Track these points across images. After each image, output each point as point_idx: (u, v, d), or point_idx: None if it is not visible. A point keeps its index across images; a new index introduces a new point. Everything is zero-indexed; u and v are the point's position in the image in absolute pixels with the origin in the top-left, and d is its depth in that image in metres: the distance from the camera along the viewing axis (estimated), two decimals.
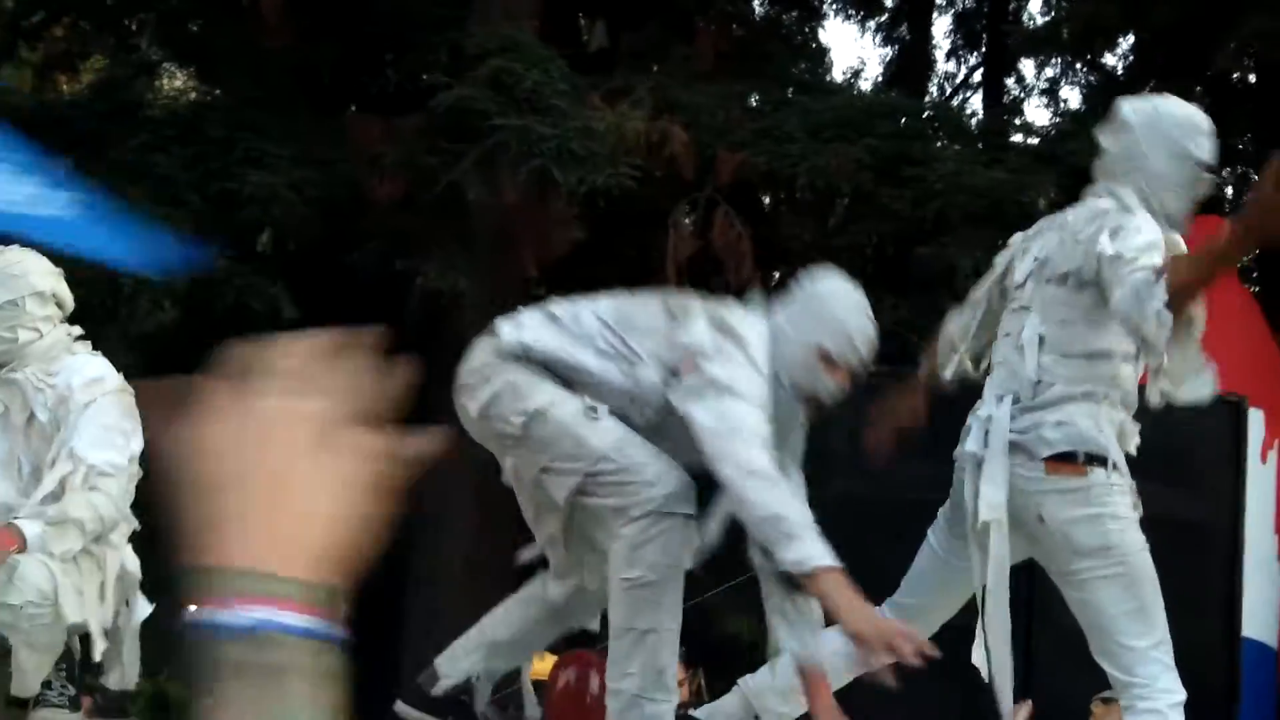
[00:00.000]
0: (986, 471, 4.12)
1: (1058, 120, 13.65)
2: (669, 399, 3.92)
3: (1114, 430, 4.09)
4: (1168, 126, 4.30)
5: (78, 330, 4.66)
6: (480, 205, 9.67)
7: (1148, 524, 5.60)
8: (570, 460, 3.91)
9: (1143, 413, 4.86)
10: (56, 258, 4.74)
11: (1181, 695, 4.05)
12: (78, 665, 4.48)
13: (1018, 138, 12.68)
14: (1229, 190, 13.46)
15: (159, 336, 10.64)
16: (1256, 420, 6.93)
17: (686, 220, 10.20)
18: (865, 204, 9.93)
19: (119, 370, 4.57)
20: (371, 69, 11.80)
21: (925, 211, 9.62)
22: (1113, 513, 4.07)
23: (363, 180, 9.91)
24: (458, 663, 4.40)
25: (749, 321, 4.03)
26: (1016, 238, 4.51)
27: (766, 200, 11.88)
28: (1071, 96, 14.70)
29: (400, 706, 4.43)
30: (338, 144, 10.16)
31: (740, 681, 4.41)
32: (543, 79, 9.51)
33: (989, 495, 4.10)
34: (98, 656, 4.46)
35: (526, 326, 4.06)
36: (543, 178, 9.30)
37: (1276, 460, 7.63)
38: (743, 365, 3.91)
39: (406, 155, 9.79)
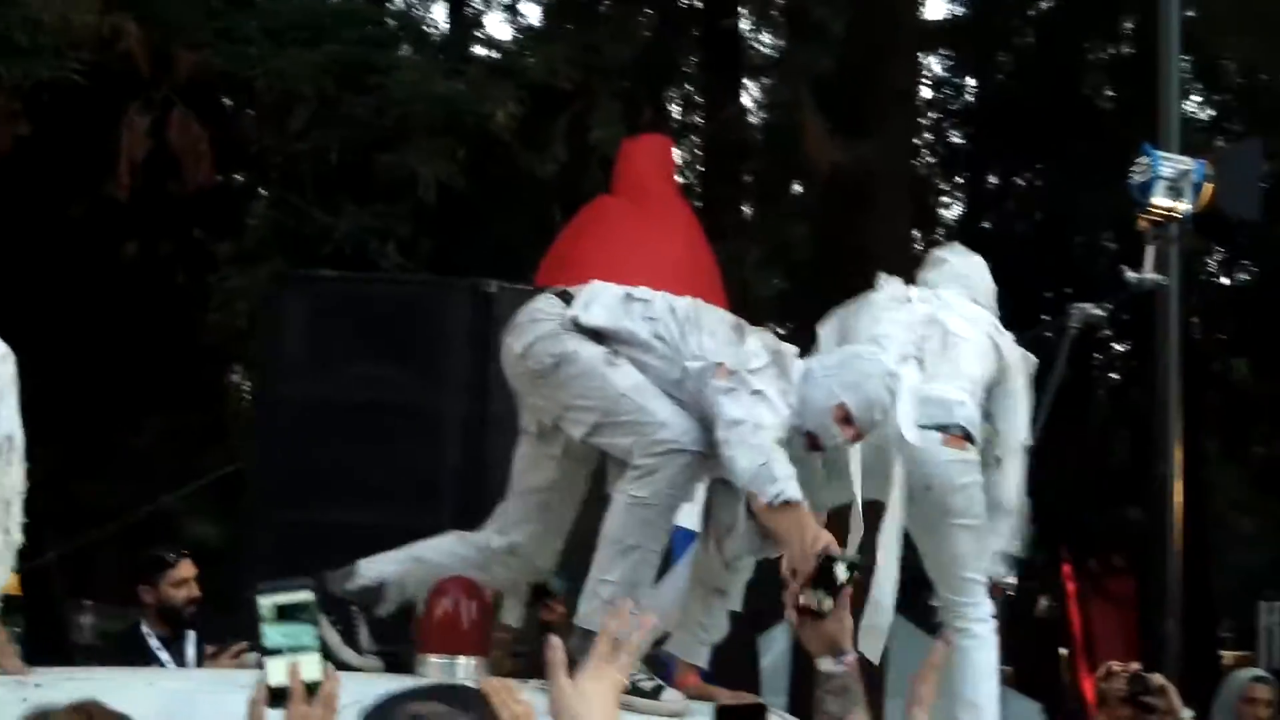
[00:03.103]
0: (898, 415, 4.66)
1: (518, 36, 13.92)
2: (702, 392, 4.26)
3: None
4: None
5: None
6: None
7: (389, 410, 6.12)
8: (593, 397, 4.29)
9: (389, 301, 6.08)
10: None
11: (993, 606, 4.95)
12: None
13: (479, 50, 12.89)
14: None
15: None
16: None
17: (142, 119, 9.88)
18: (327, 110, 9.89)
19: None
20: None
21: (386, 119, 9.68)
22: (979, 481, 4.85)
23: None
24: (378, 566, 4.61)
25: (795, 356, 4.45)
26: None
27: (228, 102, 11.65)
28: (531, 12, 15.00)
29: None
30: None
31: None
32: None
33: (905, 435, 4.73)
34: None
35: (594, 309, 4.41)
36: None
37: None
38: (778, 390, 4.27)
39: None
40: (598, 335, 4.40)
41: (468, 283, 6.76)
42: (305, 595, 2.52)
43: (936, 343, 4.92)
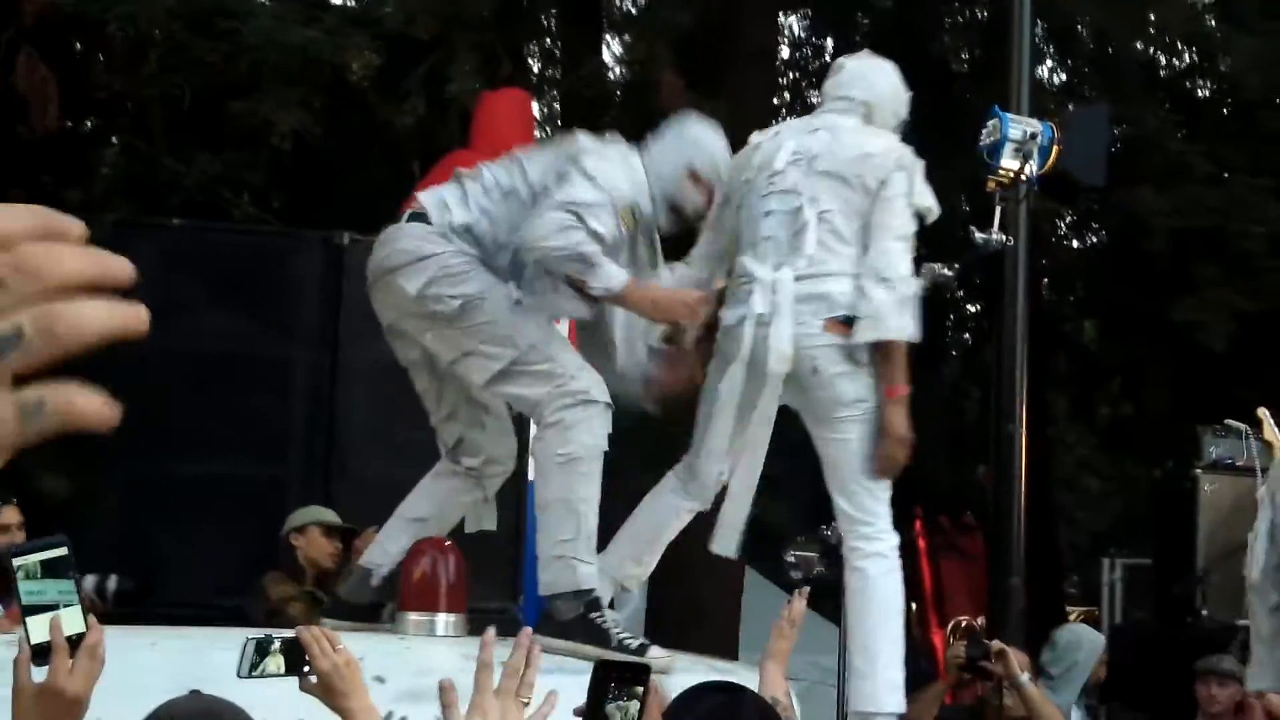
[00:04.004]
0: (775, 328, 4.63)
1: None
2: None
3: None
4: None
5: None
6: None
7: (238, 361, 6.13)
8: (501, 346, 4.31)
9: (240, 251, 6.27)
10: None
11: (897, 538, 4.82)
12: None
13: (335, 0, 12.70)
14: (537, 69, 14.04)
15: None
16: None
17: None
18: (178, 55, 9.69)
19: None
20: None
21: (239, 66, 9.50)
22: (865, 368, 4.76)
23: None
24: (386, 550, 4.64)
25: (609, 148, 4.57)
26: (756, 139, 5.09)
27: (78, 46, 11.38)
28: None
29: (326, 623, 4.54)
30: None
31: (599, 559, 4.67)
32: None
33: (779, 348, 4.63)
34: None
35: (452, 206, 4.43)
36: None
37: None
38: (620, 158, 4.53)
39: None
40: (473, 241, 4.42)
41: (320, 235, 6.71)
42: (62, 550, 2.52)
43: (810, 235, 4.78)
